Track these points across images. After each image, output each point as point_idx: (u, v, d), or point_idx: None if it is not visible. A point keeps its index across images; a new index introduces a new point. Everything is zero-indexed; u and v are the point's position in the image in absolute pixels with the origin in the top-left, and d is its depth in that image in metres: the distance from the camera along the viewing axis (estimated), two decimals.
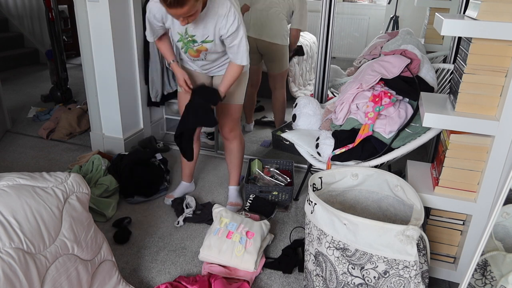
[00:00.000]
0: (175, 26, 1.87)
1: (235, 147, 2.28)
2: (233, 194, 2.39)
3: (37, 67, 5.63)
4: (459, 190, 1.55)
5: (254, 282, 1.80)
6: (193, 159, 2.31)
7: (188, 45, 1.91)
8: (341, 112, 1.94)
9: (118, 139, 2.90)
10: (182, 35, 1.88)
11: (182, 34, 1.88)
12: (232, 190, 2.40)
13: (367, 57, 2.58)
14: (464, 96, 1.43)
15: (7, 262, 1.20)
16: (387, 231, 1.27)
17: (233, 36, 1.81)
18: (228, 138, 2.24)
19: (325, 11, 2.39)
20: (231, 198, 2.37)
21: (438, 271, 1.68)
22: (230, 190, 2.40)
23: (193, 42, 1.88)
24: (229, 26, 1.77)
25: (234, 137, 2.24)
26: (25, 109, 3.90)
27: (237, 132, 2.24)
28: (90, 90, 2.85)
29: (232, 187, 2.40)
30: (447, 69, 2.21)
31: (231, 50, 1.88)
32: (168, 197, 2.38)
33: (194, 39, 1.87)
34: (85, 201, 1.55)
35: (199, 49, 1.92)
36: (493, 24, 1.27)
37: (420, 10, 3.25)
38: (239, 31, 1.81)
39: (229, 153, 2.31)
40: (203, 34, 1.84)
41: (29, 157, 2.91)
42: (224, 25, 1.78)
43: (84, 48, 2.72)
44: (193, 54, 1.96)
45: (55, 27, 3.74)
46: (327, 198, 1.68)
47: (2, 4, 5.79)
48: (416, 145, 1.79)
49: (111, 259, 1.64)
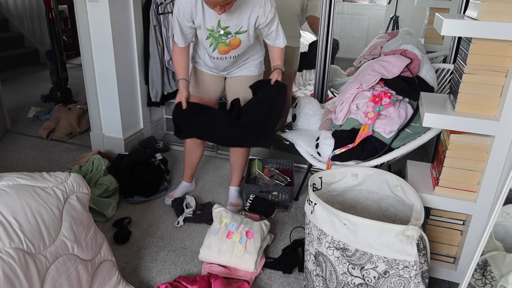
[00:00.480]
0: (206, 21, 1.83)
1: (241, 148, 2.25)
2: (234, 195, 2.38)
3: (37, 67, 5.63)
4: (459, 190, 1.55)
5: (254, 282, 1.80)
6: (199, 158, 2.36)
7: (219, 40, 1.88)
8: (341, 112, 1.94)
9: (118, 139, 2.90)
10: (213, 29, 1.85)
11: (214, 29, 1.85)
12: (233, 191, 2.39)
13: (367, 57, 2.58)
14: (464, 96, 1.43)
15: (7, 262, 1.20)
16: (387, 231, 1.27)
17: (271, 22, 1.88)
18: None
19: (325, 11, 2.39)
20: (232, 199, 2.37)
21: (438, 271, 1.68)
22: (231, 191, 2.40)
23: (226, 35, 1.86)
24: (267, 13, 1.84)
25: None
26: (25, 109, 3.90)
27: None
28: (90, 90, 2.85)
29: (233, 188, 2.39)
30: (447, 69, 2.21)
31: (271, 36, 1.96)
32: (168, 196, 2.37)
33: (228, 30, 1.84)
34: (85, 201, 1.55)
35: (232, 42, 1.89)
36: (493, 24, 1.27)
37: (420, 10, 3.25)
38: (276, 16, 1.90)
39: (234, 154, 2.29)
40: (237, 25, 1.83)
41: (29, 157, 2.91)
42: (263, 13, 1.83)
43: (84, 48, 2.72)
44: (224, 49, 1.92)
45: (55, 27, 3.74)
46: (327, 198, 1.67)
47: (2, 4, 5.79)
48: (416, 145, 1.79)
49: (111, 259, 1.64)
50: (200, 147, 2.31)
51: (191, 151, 2.32)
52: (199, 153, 2.34)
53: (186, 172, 2.41)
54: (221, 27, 1.84)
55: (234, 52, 1.94)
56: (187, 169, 2.40)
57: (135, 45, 2.83)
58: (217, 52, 1.93)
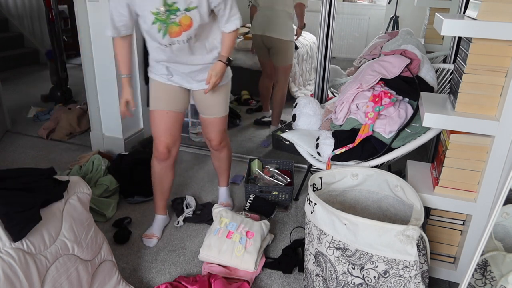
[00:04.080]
0: (146, 4, 1.61)
1: (224, 155, 2.18)
2: (224, 195, 2.35)
3: (37, 67, 5.63)
4: (459, 190, 1.55)
5: (254, 282, 1.80)
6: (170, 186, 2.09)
7: (168, 20, 1.64)
8: (341, 112, 1.94)
9: (118, 139, 2.90)
10: (158, 11, 1.62)
11: (159, 10, 1.61)
12: (223, 191, 2.36)
13: (367, 57, 2.59)
14: (464, 96, 1.43)
15: (7, 262, 1.20)
16: (387, 231, 1.27)
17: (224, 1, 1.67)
18: (217, 149, 2.13)
19: (325, 11, 2.39)
20: (222, 199, 2.35)
21: (438, 271, 1.68)
22: (221, 191, 2.36)
23: (175, 11, 1.62)
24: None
25: (223, 146, 2.12)
26: (25, 109, 3.90)
27: (225, 142, 2.12)
28: (90, 90, 2.85)
29: (223, 188, 2.35)
30: (447, 69, 2.21)
31: (223, 15, 1.72)
32: (146, 237, 2.04)
33: (176, 7, 1.61)
34: (86, 201, 1.55)
35: (183, 22, 1.65)
36: (493, 24, 1.27)
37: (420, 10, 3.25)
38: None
39: (217, 159, 2.21)
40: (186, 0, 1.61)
41: (29, 157, 2.91)
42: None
43: (84, 48, 2.72)
44: (175, 31, 1.66)
45: (55, 27, 3.74)
46: (327, 198, 1.68)
47: (2, 4, 5.78)
48: (416, 145, 1.79)
49: (111, 259, 1.64)
50: (170, 172, 2.03)
51: (161, 177, 2.01)
52: (170, 179, 2.05)
53: (159, 204, 2.09)
54: (167, 5, 1.60)
55: (186, 34, 1.68)
56: (159, 199, 2.07)
57: (135, 45, 2.83)
58: (168, 37, 1.68)
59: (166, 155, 1.94)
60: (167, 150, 1.92)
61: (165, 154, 1.93)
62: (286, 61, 3.26)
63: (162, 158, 1.94)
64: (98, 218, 2.17)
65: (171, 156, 1.97)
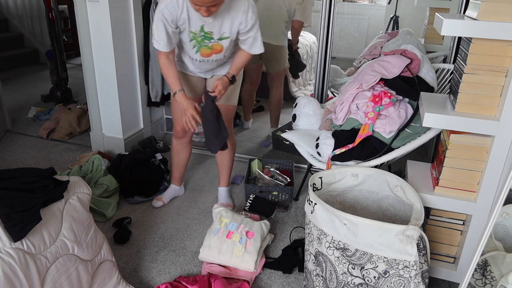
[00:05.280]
0: (191, 24, 1.80)
1: (228, 150, 2.19)
2: (224, 195, 2.37)
3: (37, 67, 5.63)
4: (459, 190, 1.55)
5: (254, 282, 1.80)
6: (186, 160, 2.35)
7: (202, 43, 1.86)
8: (341, 112, 1.94)
9: (118, 139, 2.90)
10: (196, 33, 1.83)
11: (197, 33, 1.83)
12: (222, 191, 2.37)
13: (367, 57, 2.59)
14: (464, 96, 1.43)
15: (7, 262, 1.20)
16: (387, 231, 1.27)
17: (251, 29, 1.84)
18: None
19: (325, 11, 2.39)
20: (222, 199, 2.36)
21: (438, 271, 1.68)
22: (220, 191, 2.37)
23: (209, 38, 1.85)
24: (249, 19, 1.81)
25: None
26: (25, 109, 3.90)
27: (231, 132, 2.20)
28: (90, 90, 2.85)
29: (222, 188, 2.37)
30: (447, 69, 2.21)
31: (247, 42, 1.89)
32: (157, 199, 2.36)
33: (210, 35, 1.84)
34: (86, 201, 1.55)
35: (214, 47, 1.88)
36: (493, 24, 1.27)
37: (420, 10, 3.25)
38: (256, 23, 1.85)
39: (220, 155, 2.27)
40: (220, 31, 1.83)
41: (29, 157, 2.91)
42: (245, 19, 1.80)
43: (84, 48, 2.72)
44: (206, 53, 1.90)
45: (55, 27, 3.74)
46: (327, 198, 1.68)
47: (2, 4, 5.78)
48: (416, 145, 1.79)
49: (111, 259, 1.64)
50: (186, 148, 2.29)
51: (178, 152, 2.30)
52: (187, 154, 2.32)
53: (175, 175, 2.39)
54: (204, 32, 1.82)
55: (216, 56, 1.93)
56: (176, 171, 2.38)
57: (135, 45, 2.83)
58: (200, 55, 1.91)
59: (182, 134, 2.21)
60: (183, 129, 2.16)
61: (181, 133, 2.21)
62: (280, 66, 3.23)
63: (179, 136, 2.23)
64: (98, 218, 2.17)
65: (187, 135, 2.24)
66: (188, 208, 2.35)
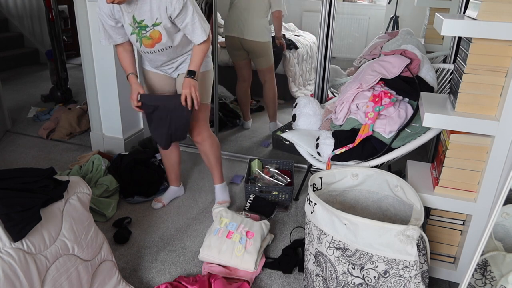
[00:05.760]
0: (125, 18, 1.82)
1: (207, 149, 2.19)
2: (220, 192, 2.36)
3: (37, 67, 5.63)
4: (459, 190, 1.55)
5: (254, 282, 1.80)
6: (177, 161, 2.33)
7: (140, 34, 1.84)
8: (341, 112, 1.94)
9: (118, 139, 2.90)
10: (132, 25, 1.83)
11: (132, 25, 1.82)
12: (218, 188, 2.36)
13: (367, 57, 2.58)
14: (464, 96, 1.43)
15: (7, 262, 1.20)
16: (387, 231, 1.27)
17: (182, 14, 1.76)
18: (197, 141, 2.17)
19: (325, 11, 2.39)
20: (219, 197, 2.35)
21: (438, 271, 1.68)
22: (216, 189, 2.36)
23: (144, 28, 1.81)
24: (175, 3, 1.72)
25: (203, 139, 2.15)
26: (25, 109, 3.90)
27: (205, 134, 2.15)
28: (90, 90, 2.85)
29: (218, 186, 2.35)
30: (447, 69, 2.21)
31: (186, 30, 1.83)
32: (156, 201, 2.35)
33: (144, 24, 1.80)
34: (86, 201, 1.55)
35: (152, 35, 1.83)
36: (493, 24, 1.27)
37: (420, 10, 3.25)
38: (187, 7, 1.76)
39: (203, 155, 2.24)
40: (152, 17, 1.78)
41: (29, 157, 2.91)
42: (170, 3, 1.72)
43: (84, 48, 2.72)
44: (148, 43, 1.86)
45: (55, 27, 3.74)
46: (327, 198, 1.68)
47: (2, 4, 5.78)
48: (416, 145, 1.79)
49: (111, 259, 1.64)
50: (173, 149, 2.26)
51: (166, 154, 2.29)
52: (175, 154, 2.30)
53: (170, 177, 2.38)
54: (137, 22, 1.80)
55: (159, 45, 1.87)
56: (170, 173, 2.37)
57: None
58: (144, 46, 1.89)
59: None
60: None
61: None
62: (268, 62, 3.24)
63: None
64: (98, 218, 2.17)
65: None
66: (188, 208, 2.35)
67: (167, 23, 1.80)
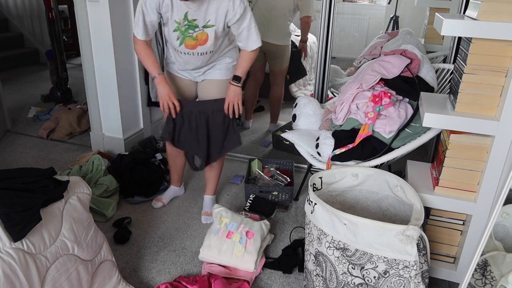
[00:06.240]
0: (173, 13, 1.75)
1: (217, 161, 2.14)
2: (209, 204, 2.27)
3: (37, 67, 5.63)
4: (459, 190, 1.55)
5: (254, 282, 1.80)
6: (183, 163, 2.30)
7: (186, 34, 1.78)
8: (341, 112, 1.94)
9: (118, 139, 2.90)
10: (180, 22, 1.76)
11: (180, 22, 1.76)
12: (208, 200, 2.28)
13: (367, 57, 2.59)
14: (464, 96, 1.43)
15: (7, 262, 1.20)
16: (387, 231, 1.27)
17: (241, 19, 1.75)
18: None
19: (325, 11, 2.39)
20: (206, 208, 2.26)
21: (438, 271, 1.68)
22: (206, 200, 2.28)
23: (193, 28, 1.76)
24: (237, 7, 1.71)
25: None
26: (25, 109, 3.90)
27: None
28: (90, 90, 2.85)
29: (208, 197, 2.29)
30: (447, 69, 2.22)
31: (241, 36, 1.81)
32: (157, 200, 2.34)
33: (195, 23, 1.75)
34: (86, 201, 1.55)
35: (199, 37, 1.79)
36: (493, 24, 1.27)
37: (420, 10, 3.25)
38: (247, 12, 1.75)
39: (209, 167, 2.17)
40: (205, 18, 1.74)
41: (29, 157, 2.91)
42: (232, 7, 1.71)
43: (84, 48, 2.72)
44: (191, 44, 1.81)
45: (55, 27, 3.74)
46: (327, 198, 1.68)
47: (2, 4, 5.78)
48: (416, 145, 1.79)
49: (111, 259, 1.64)
50: (181, 153, 2.23)
51: (173, 157, 2.27)
52: (182, 159, 2.27)
53: (173, 177, 2.37)
54: (187, 20, 1.74)
55: (201, 48, 1.83)
56: (173, 174, 2.35)
57: None
58: (184, 47, 1.83)
59: None
60: None
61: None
62: (283, 64, 3.26)
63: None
64: (98, 218, 2.17)
65: None
66: (188, 208, 2.35)
67: (220, 27, 1.77)
